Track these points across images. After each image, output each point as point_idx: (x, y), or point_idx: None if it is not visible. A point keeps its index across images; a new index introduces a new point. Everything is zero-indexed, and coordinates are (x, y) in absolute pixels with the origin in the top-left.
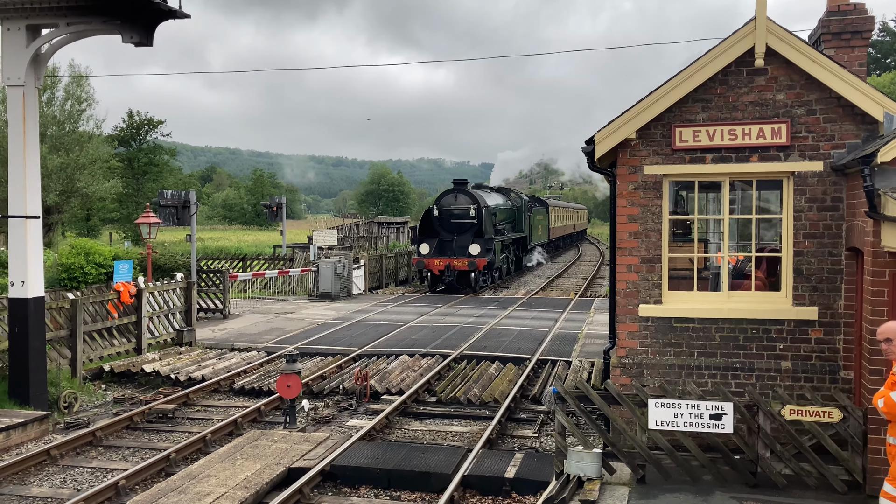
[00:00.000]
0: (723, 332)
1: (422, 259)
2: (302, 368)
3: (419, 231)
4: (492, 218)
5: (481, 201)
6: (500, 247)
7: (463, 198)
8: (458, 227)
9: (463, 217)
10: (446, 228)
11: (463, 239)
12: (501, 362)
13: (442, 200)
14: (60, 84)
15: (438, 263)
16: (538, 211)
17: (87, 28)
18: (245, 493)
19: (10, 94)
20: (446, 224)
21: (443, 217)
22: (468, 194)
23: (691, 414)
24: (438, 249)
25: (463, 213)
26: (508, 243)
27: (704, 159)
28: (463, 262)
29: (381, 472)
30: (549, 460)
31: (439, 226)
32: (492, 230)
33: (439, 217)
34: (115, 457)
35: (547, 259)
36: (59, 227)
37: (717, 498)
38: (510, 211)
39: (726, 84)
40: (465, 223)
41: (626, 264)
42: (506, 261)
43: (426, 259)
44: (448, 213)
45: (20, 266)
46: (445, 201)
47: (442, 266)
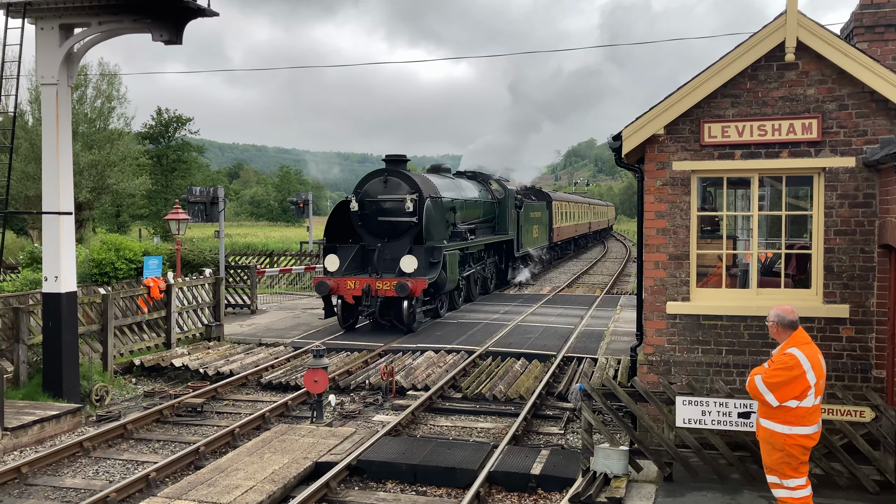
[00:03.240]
0: (752, 329)
1: (324, 281)
2: (328, 363)
3: (327, 234)
4: (446, 215)
5: (426, 189)
6: (455, 258)
7: (396, 184)
8: (388, 228)
9: (395, 213)
10: (371, 230)
11: (396, 247)
12: (527, 359)
13: (365, 188)
14: (91, 82)
15: (353, 286)
16: (533, 206)
17: (118, 27)
18: (273, 486)
19: (44, 93)
20: (370, 224)
21: (365, 213)
22: (405, 179)
23: (719, 412)
24: (357, 263)
25: (395, 207)
26: (478, 251)
27: (733, 155)
28: (388, 283)
29: (407, 468)
30: (576, 457)
31: (361, 226)
32: (444, 233)
33: (360, 213)
34: (146, 449)
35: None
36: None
37: (745, 497)
38: (485, 205)
39: (756, 79)
40: (400, 223)
41: (653, 261)
42: (475, 279)
43: (333, 280)
44: (373, 208)
45: (53, 261)
46: (370, 190)
47: (358, 290)
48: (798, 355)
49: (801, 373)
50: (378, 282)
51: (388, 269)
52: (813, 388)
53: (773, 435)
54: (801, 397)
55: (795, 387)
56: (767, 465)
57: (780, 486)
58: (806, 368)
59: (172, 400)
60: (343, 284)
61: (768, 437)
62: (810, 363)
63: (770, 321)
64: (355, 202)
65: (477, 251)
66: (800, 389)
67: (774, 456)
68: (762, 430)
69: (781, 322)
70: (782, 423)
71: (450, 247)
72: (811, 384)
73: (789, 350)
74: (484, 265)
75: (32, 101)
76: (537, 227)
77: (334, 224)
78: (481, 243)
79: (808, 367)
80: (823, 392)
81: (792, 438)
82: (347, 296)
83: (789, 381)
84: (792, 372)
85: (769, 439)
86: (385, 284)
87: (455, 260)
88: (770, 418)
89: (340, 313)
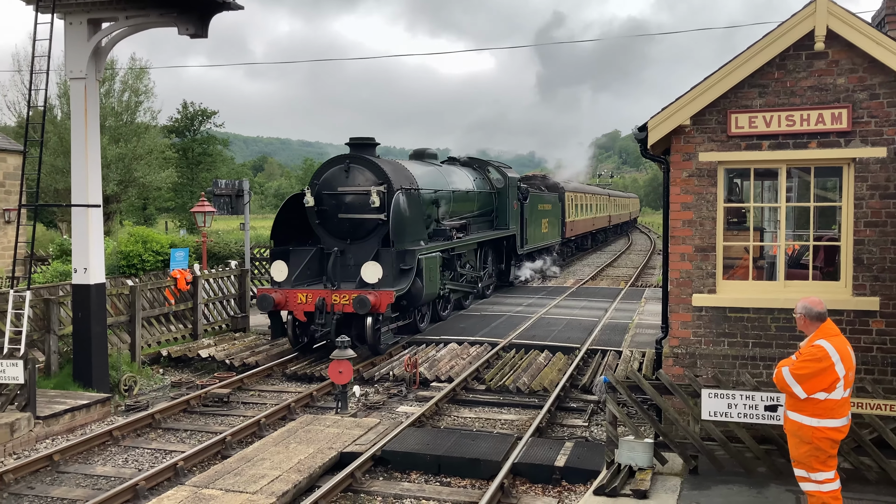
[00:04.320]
0: (779, 322)
1: (267, 294)
2: (354, 355)
3: (275, 235)
4: (426, 209)
5: (397, 179)
6: (435, 262)
7: (360, 173)
8: (350, 227)
9: (359, 209)
10: (331, 230)
11: (361, 250)
12: (551, 351)
13: (323, 178)
14: (118, 76)
15: (304, 300)
16: (541, 198)
17: (144, 21)
18: (299, 476)
19: (73, 87)
20: (330, 222)
21: (323, 210)
22: (371, 167)
23: (745, 405)
24: (315, 270)
25: (358, 201)
26: (468, 252)
27: (761, 146)
28: (347, 296)
29: (431, 459)
30: (600, 450)
31: (319, 225)
32: (420, 232)
33: (318, 210)
34: (174, 439)
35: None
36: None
37: (772, 490)
38: (480, 196)
39: (784, 68)
40: (365, 221)
41: (679, 253)
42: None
43: (280, 292)
44: (333, 203)
45: (83, 253)
46: (329, 180)
47: (310, 305)
48: (827, 347)
49: (830, 364)
50: (335, 294)
51: (350, 277)
52: (842, 380)
53: (801, 428)
54: (830, 389)
55: (824, 379)
56: (795, 459)
57: (808, 480)
58: (835, 360)
59: (199, 390)
60: (292, 298)
61: (796, 429)
62: (839, 355)
63: (798, 313)
64: (310, 196)
65: (467, 252)
66: (828, 381)
67: (802, 449)
68: (790, 422)
69: (809, 314)
70: (810, 415)
71: (428, 249)
72: (840, 376)
73: (818, 342)
74: (478, 266)
75: (61, 95)
76: (547, 221)
77: (285, 223)
78: (472, 242)
79: (836, 359)
80: (853, 385)
81: (820, 431)
82: (298, 312)
83: (817, 373)
84: (820, 364)
85: (797, 432)
86: (343, 298)
87: (435, 265)
88: (798, 411)
89: (292, 332)
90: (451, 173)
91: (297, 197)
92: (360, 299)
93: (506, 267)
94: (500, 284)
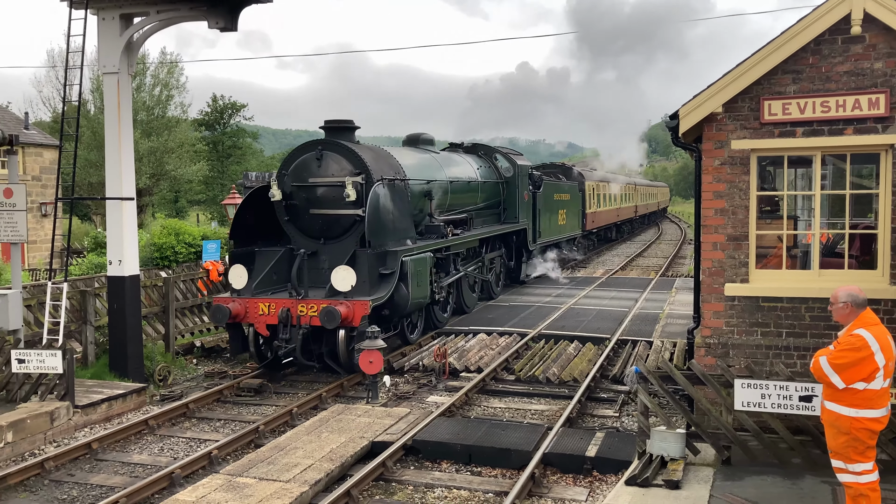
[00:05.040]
0: (813, 311)
1: (221, 305)
2: (384, 345)
3: (235, 234)
4: (417, 203)
5: (377, 168)
6: (425, 264)
7: (334, 161)
8: (323, 225)
9: (332, 203)
10: (302, 228)
11: (336, 252)
12: (580, 342)
13: (292, 168)
14: (148, 70)
15: (266, 311)
16: (558, 187)
17: (175, 15)
18: (331, 465)
19: (106, 82)
20: (300, 219)
21: (293, 204)
22: (347, 154)
23: (779, 395)
24: (284, 275)
25: (332, 193)
26: (469, 249)
27: (795, 133)
28: (314, 306)
29: (461, 448)
30: (631, 440)
31: (288, 222)
32: (406, 229)
33: (287, 204)
34: (208, 428)
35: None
36: (149, 209)
37: (807, 482)
38: (485, 187)
39: (819, 54)
40: (340, 217)
41: (711, 242)
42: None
43: (239, 301)
44: (303, 196)
45: (117, 246)
46: (299, 170)
47: (272, 317)
48: (866, 336)
49: (870, 354)
50: (301, 304)
51: (324, 282)
52: (882, 370)
53: (839, 418)
54: (869, 379)
55: (863, 368)
56: (832, 449)
57: (846, 471)
58: (875, 350)
59: (232, 380)
60: (253, 309)
61: (833, 420)
62: (879, 344)
63: (841, 301)
64: (276, 188)
65: (468, 249)
66: (867, 371)
67: (840, 440)
68: (827, 412)
69: (855, 302)
70: (849, 405)
71: (416, 249)
72: (880, 366)
73: (857, 331)
74: (482, 264)
75: (94, 90)
76: (564, 213)
77: (249, 220)
78: (474, 238)
79: (876, 349)
80: (893, 375)
81: (858, 422)
82: (259, 325)
83: (856, 362)
84: (859, 353)
85: (834, 422)
86: (311, 308)
87: (425, 267)
88: (836, 401)
89: (255, 347)
90: (450, 161)
91: (263, 190)
92: (328, 311)
93: (516, 264)
94: (510, 283)
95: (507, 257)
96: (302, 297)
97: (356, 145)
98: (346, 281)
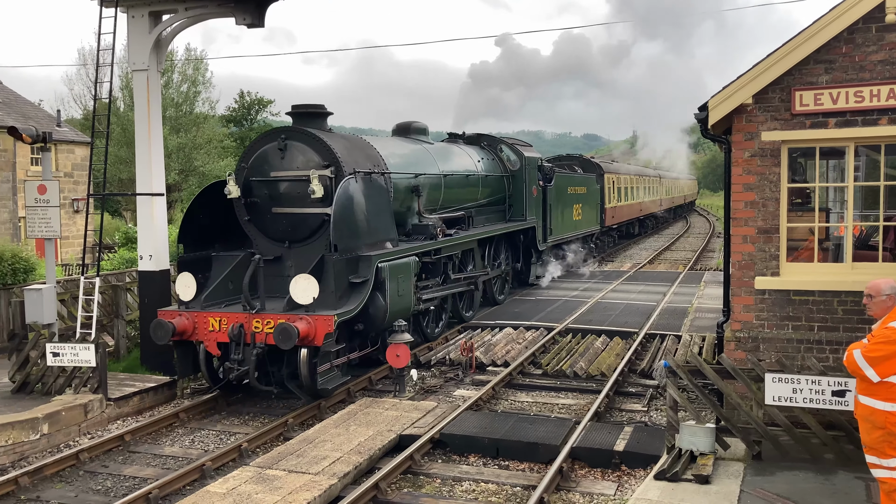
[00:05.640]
0: (846, 305)
1: (163, 321)
2: (410, 339)
3: (186, 238)
4: (402, 200)
5: (350, 160)
6: (408, 270)
7: (299, 152)
8: (288, 226)
9: (297, 201)
10: (265, 230)
11: (302, 256)
12: (608, 336)
13: (254, 159)
14: (176, 67)
15: (217, 326)
16: (572, 180)
17: (203, 12)
18: (359, 457)
19: (136, 79)
20: (262, 219)
21: (254, 202)
22: (314, 143)
23: (811, 390)
24: (236, 284)
25: (297, 189)
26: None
27: (827, 124)
28: (270, 321)
29: (489, 442)
30: (660, 434)
31: (249, 222)
32: (385, 230)
33: (247, 202)
34: (237, 421)
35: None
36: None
37: (840, 477)
38: (487, 181)
39: (852, 43)
40: (307, 217)
41: (741, 235)
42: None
43: (187, 315)
44: (265, 192)
45: (148, 241)
46: (260, 163)
47: (223, 334)
48: None
49: None
50: (256, 319)
51: (274, 293)
52: None
53: (874, 412)
54: None
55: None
56: (867, 444)
57: (880, 467)
58: None
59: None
60: (202, 324)
61: (868, 414)
62: None
63: (885, 293)
64: (234, 184)
65: (467, 250)
66: None
67: (874, 434)
68: (861, 407)
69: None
70: (884, 399)
71: (395, 254)
72: None
73: (892, 323)
74: (483, 267)
75: (123, 87)
76: (580, 208)
77: (204, 221)
78: (470, 239)
79: None
80: None
81: (894, 416)
82: (209, 343)
83: (891, 355)
84: (894, 346)
85: (869, 417)
86: (267, 324)
87: (407, 273)
88: (870, 395)
89: (207, 367)
90: (446, 153)
91: (214, 188)
92: (283, 329)
93: (523, 265)
94: (517, 287)
95: (514, 258)
96: (257, 310)
97: (326, 133)
98: (306, 292)
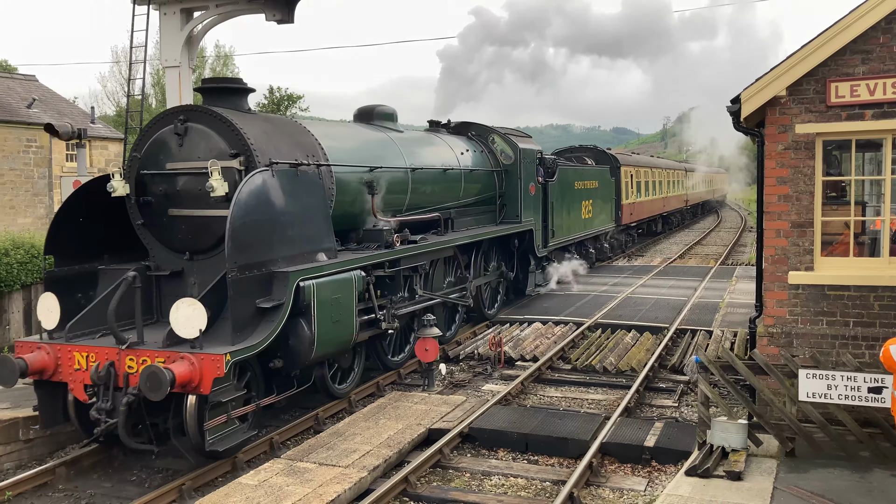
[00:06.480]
0: (883, 300)
1: (8, 357)
2: (439, 333)
3: (53, 250)
4: (344, 199)
5: (267, 147)
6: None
7: (202, 138)
8: (187, 232)
9: (197, 201)
10: (161, 237)
11: (205, 270)
12: (638, 331)
13: (147, 146)
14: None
15: (83, 362)
16: (579, 174)
17: (234, 8)
18: (389, 451)
19: (168, 75)
20: (157, 223)
21: (147, 201)
22: (220, 126)
23: (847, 386)
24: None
25: (197, 185)
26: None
27: (863, 115)
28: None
29: (518, 437)
30: (691, 430)
31: (143, 226)
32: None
33: (140, 201)
34: (268, 414)
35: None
36: None
37: (876, 475)
38: (473, 176)
39: (890, 32)
40: (211, 221)
41: (774, 229)
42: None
43: (46, 350)
44: (160, 190)
45: None
46: (154, 150)
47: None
48: None
49: None
50: (129, 356)
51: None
52: None
53: None
54: None
55: None
56: None
57: None
58: None
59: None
60: (66, 361)
61: None
62: None
63: None
64: (119, 178)
65: (436, 259)
66: None
67: None
68: None
69: None
70: None
71: (327, 268)
72: None
73: None
74: (467, 279)
75: (154, 84)
76: (590, 204)
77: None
78: (442, 247)
79: None
80: None
81: None
82: (75, 385)
83: None
84: None
85: None
86: (143, 362)
87: (348, 293)
88: None
89: (77, 415)
90: (417, 143)
91: (96, 183)
92: (151, 373)
93: (517, 275)
94: (511, 299)
95: (509, 266)
96: (128, 345)
97: (238, 114)
98: (191, 322)
